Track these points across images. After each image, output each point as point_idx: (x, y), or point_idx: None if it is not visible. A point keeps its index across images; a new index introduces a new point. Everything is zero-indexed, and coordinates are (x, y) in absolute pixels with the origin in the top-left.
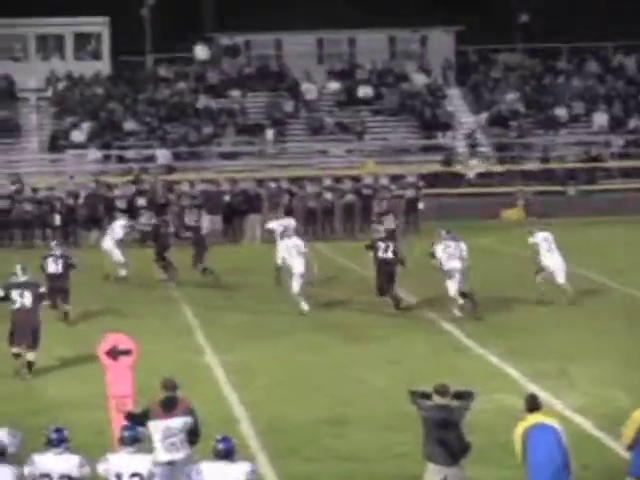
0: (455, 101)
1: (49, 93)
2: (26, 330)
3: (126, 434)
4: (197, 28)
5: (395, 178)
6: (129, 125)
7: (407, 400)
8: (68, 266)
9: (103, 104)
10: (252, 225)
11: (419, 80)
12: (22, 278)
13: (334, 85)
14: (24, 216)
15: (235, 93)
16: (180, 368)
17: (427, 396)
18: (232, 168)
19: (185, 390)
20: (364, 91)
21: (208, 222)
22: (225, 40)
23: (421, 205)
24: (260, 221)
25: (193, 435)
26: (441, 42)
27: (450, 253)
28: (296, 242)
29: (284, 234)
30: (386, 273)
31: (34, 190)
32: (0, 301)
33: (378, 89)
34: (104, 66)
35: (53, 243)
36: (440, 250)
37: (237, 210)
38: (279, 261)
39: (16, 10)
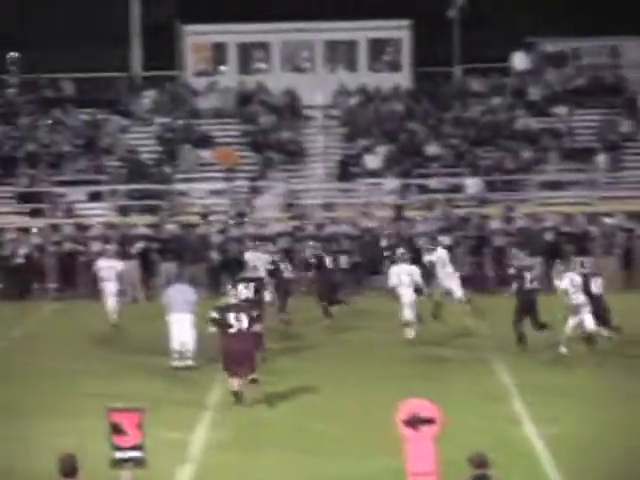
0: None
1: (338, 111)
2: (242, 356)
3: None
4: (515, 33)
5: None
6: (432, 149)
7: None
8: (259, 289)
9: (402, 124)
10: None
11: None
12: (236, 300)
13: None
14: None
15: (561, 110)
16: (492, 441)
17: None
18: (556, 200)
19: (498, 468)
20: None
21: None
22: (549, 47)
23: None
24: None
25: None
26: None
27: (577, 287)
28: (409, 269)
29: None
30: (527, 304)
31: (319, 226)
32: (216, 324)
33: None
34: (403, 78)
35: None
36: (568, 284)
37: (562, 252)
38: (391, 284)
39: (303, 12)
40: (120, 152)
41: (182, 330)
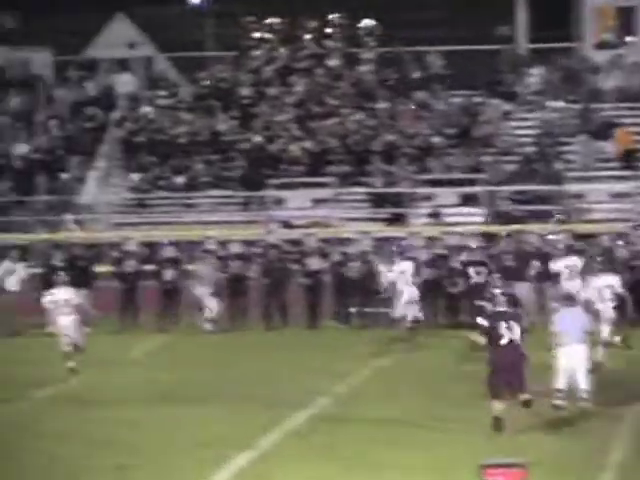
0: None
1: None
2: (511, 371)
3: None
4: None
5: None
6: None
7: None
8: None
9: None
10: None
11: None
12: (502, 307)
13: None
14: None
15: None
16: None
17: None
18: None
19: None
20: None
21: None
22: None
23: None
24: None
25: None
26: None
27: None
28: (611, 282)
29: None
30: None
31: None
32: (484, 334)
33: None
34: None
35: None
36: None
37: None
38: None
39: None
40: (501, 144)
41: (574, 365)
